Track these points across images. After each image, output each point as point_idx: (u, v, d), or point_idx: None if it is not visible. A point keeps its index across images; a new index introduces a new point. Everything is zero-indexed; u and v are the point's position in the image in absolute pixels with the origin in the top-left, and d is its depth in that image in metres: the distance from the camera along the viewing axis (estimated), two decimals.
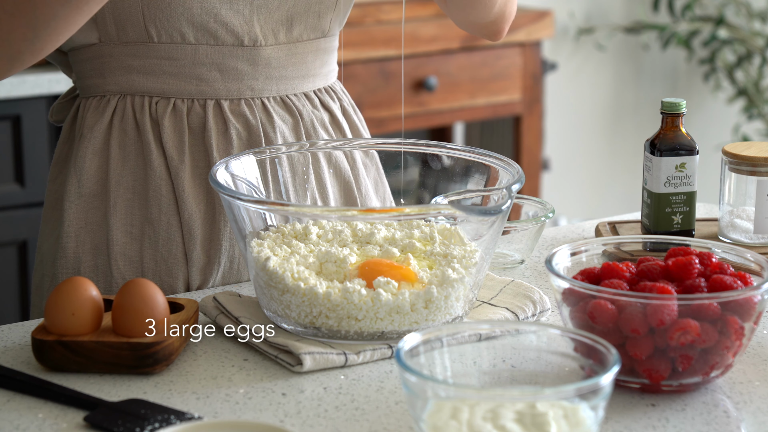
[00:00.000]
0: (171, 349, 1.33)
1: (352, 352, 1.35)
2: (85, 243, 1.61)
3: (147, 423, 1.21)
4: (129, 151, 1.61)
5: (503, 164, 1.51)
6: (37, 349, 1.33)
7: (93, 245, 1.61)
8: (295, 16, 1.64)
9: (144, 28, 1.57)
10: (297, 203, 1.61)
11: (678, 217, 1.70)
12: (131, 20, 1.57)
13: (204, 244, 1.61)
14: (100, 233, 1.61)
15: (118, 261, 1.60)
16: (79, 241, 1.61)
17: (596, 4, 4.13)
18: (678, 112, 1.68)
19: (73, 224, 1.61)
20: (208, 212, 1.61)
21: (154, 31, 1.58)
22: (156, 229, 1.60)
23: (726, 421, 1.25)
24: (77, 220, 1.61)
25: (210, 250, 1.61)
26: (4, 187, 2.91)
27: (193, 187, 1.60)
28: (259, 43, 1.61)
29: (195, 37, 1.58)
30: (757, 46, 4.08)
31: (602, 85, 4.22)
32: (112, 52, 1.59)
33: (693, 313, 1.26)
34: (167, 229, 1.60)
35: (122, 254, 1.60)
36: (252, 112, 1.63)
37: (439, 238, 1.49)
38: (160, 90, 1.60)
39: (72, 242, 1.61)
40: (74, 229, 1.61)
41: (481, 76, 3.42)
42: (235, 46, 1.60)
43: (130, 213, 1.61)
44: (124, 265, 1.60)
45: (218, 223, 1.61)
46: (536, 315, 1.47)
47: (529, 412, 1.12)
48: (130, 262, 1.61)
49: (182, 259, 1.61)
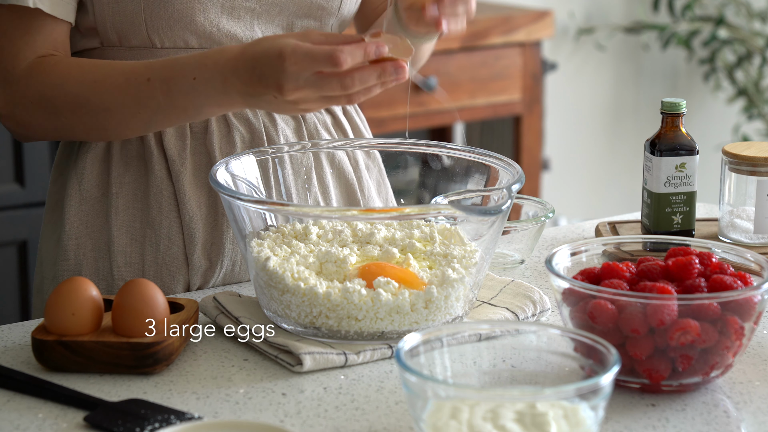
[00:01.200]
0: (171, 349, 1.33)
1: (352, 352, 1.35)
2: (86, 246, 1.61)
3: (147, 423, 1.21)
4: (130, 154, 1.61)
5: (503, 164, 1.51)
6: (37, 349, 1.33)
7: (94, 248, 1.61)
8: (295, 22, 1.64)
9: (147, 36, 1.57)
10: (297, 203, 1.61)
11: (678, 217, 1.70)
12: (134, 30, 1.57)
13: (205, 246, 1.60)
14: (102, 237, 1.61)
15: (119, 264, 1.60)
16: (80, 244, 1.61)
17: (596, 4, 4.12)
18: (678, 112, 1.68)
19: (74, 227, 1.61)
20: (210, 215, 1.61)
21: (157, 39, 1.57)
22: (157, 232, 1.60)
23: (726, 421, 1.25)
24: (78, 224, 1.61)
25: (211, 252, 1.61)
26: (4, 187, 2.91)
27: (194, 190, 1.60)
28: None
29: (198, 44, 1.58)
30: (757, 46, 4.08)
31: (602, 85, 4.22)
32: (115, 55, 1.59)
33: (693, 313, 1.26)
34: (168, 232, 1.60)
35: (123, 257, 1.60)
36: (255, 115, 1.63)
37: (439, 238, 1.49)
38: None
39: (73, 245, 1.61)
40: (75, 232, 1.61)
41: (481, 76, 3.42)
42: None
43: (131, 216, 1.60)
44: (125, 269, 1.60)
45: (220, 226, 1.60)
46: (536, 315, 1.47)
47: (529, 412, 1.12)
48: (131, 266, 1.60)
49: (183, 262, 1.61)
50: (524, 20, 3.45)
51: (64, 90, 1.52)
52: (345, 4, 1.66)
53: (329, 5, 1.64)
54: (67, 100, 1.52)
